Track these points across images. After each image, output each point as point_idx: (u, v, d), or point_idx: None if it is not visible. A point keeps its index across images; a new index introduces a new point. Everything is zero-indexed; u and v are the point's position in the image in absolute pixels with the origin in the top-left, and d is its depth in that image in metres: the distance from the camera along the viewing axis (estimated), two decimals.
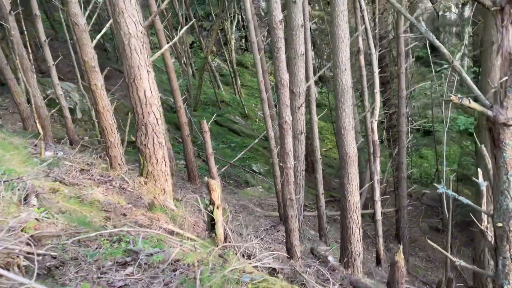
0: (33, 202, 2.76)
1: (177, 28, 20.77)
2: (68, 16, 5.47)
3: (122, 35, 4.34)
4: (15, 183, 2.94)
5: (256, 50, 8.68)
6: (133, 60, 4.42)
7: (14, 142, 7.12)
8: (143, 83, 4.51)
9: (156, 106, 4.65)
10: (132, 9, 4.30)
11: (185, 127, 11.56)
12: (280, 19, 4.58)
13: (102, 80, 5.92)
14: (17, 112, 12.58)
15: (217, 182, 3.61)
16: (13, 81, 9.51)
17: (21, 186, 2.89)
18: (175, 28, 19.85)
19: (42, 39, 7.73)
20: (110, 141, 6.10)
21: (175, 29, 19.54)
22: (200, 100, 19.18)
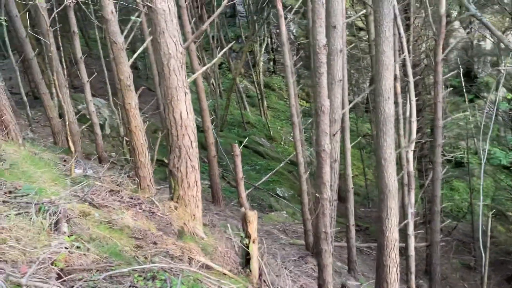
0: (64, 228, 2.58)
1: (207, 50, 20.99)
2: (107, 34, 5.42)
3: (161, 55, 4.22)
4: (46, 207, 2.77)
5: (290, 73, 8.53)
6: (171, 81, 4.28)
7: (45, 158, 7.07)
8: (180, 105, 4.36)
9: (191, 128, 4.48)
10: (173, 29, 4.19)
11: (212, 148, 11.41)
12: (324, 43, 4.39)
13: (136, 99, 5.81)
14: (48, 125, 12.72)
15: (254, 214, 3.37)
16: (47, 95, 9.61)
17: (52, 211, 2.72)
18: (205, 49, 20.04)
19: (78, 55, 7.77)
20: (140, 161, 5.95)
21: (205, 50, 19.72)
22: (226, 120, 19.13)
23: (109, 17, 5.38)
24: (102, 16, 5.46)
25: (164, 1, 4.11)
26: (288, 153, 19.74)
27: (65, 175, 5.58)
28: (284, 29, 8.27)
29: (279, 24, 9.07)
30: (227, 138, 17.50)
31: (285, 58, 8.39)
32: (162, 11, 4.12)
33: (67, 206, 3.07)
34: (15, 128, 6.71)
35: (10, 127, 6.62)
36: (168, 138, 4.59)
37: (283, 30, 8.25)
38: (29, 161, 5.18)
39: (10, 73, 19.33)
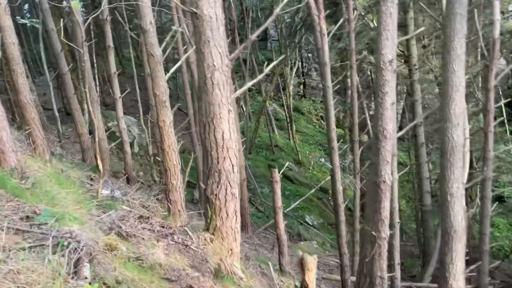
0: (85, 272, 2.01)
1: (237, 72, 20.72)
2: (144, 46, 5.00)
3: (205, 67, 3.71)
4: (66, 242, 2.22)
5: (330, 94, 7.93)
6: (214, 97, 3.75)
7: (71, 175, 6.63)
8: (223, 124, 3.81)
9: (233, 150, 3.92)
10: (219, 38, 3.68)
11: (242, 171, 10.80)
12: (390, 59, 3.79)
13: (171, 116, 5.32)
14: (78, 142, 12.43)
15: (314, 260, 2.74)
16: (78, 111, 9.32)
17: (72, 247, 2.16)
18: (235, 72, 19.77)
19: (112, 70, 7.42)
20: (172, 184, 5.41)
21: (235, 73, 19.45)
22: (254, 143, 18.59)
23: (147, 28, 4.96)
24: (140, 27, 5.05)
25: (211, 7, 3.62)
26: (317, 178, 18.97)
27: (91, 196, 5.08)
28: (327, 48, 7.74)
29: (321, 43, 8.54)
30: (255, 161, 16.91)
31: (326, 79, 7.82)
32: (209, 18, 3.63)
33: (91, 238, 2.51)
34: (42, 143, 6.31)
35: (38, 142, 6.23)
36: (206, 160, 4.03)
37: (326, 49, 7.72)
38: (54, 179, 4.70)
39: (45, 89, 19.48)
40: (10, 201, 3.22)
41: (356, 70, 9.33)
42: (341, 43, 13.51)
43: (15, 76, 6.04)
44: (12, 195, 3.38)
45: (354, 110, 9.19)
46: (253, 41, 21.49)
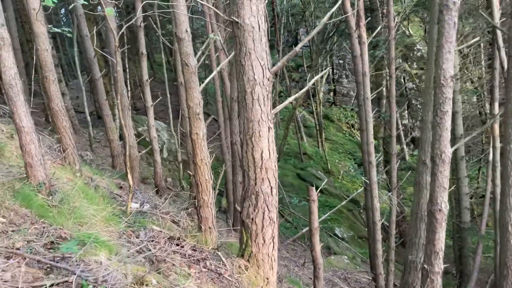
0: None
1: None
2: (178, 55, 4.73)
3: (245, 81, 3.39)
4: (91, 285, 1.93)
5: (369, 106, 7.49)
6: (254, 113, 3.43)
7: (101, 185, 6.45)
8: (262, 142, 3.48)
9: (272, 171, 3.58)
10: (261, 50, 3.36)
11: None
12: (452, 74, 3.36)
13: (205, 129, 5.03)
14: (108, 146, 12.40)
15: None
16: (109, 117, 9.20)
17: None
18: None
19: (145, 78, 7.23)
20: (203, 200, 5.11)
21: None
22: (283, 151, 18.21)
23: (182, 36, 4.69)
24: (175, 35, 4.80)
25: (253, 15, 3.30)
26: (346, 188, 18.39)
27: (120, 211, 4.84)
28: (367, 57, 7.32)
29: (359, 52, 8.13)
30: (284, 169, 16.52)
31: (365, 89, 7.39)
32: (251, 28, 3.31)
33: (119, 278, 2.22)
34: (73, 152, 6.16)
35: (68, 151, 6.08)
36: (243, 180, 3.70)
37: (366, 59, 7.30)
38: (83, 193, 4.48)
39: (78, 92, 19.76)
40: (34, 223, 2.98)
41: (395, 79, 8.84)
42: (377, 51, 13.00)
43: (47, 83, 5.91)
44: (37, 215, 3.15)
45: (392, 122, 8.69)
46: (283, 47, 21.16)
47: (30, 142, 3.76)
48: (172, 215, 5.57)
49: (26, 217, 3.02)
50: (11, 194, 3.28)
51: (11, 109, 3.74)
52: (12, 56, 3.69)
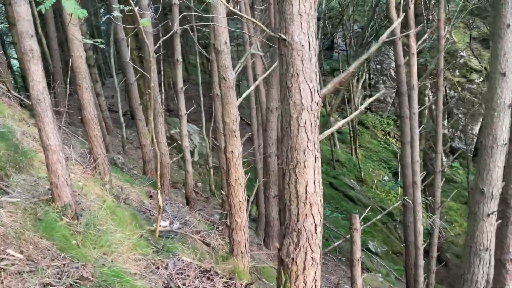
0: None
1: None
2: (216, 68, 4.38)
3: (291, 105, 2.98)
4: None
5: (417, 122, 6.93)
6: (299, 141, 3.02)
7: (130, 196, 6.22)
8: (307, 174, 3.07)
9: (317, 207, 3.16)
10: (311, 71, 2.95)
11: None
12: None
13: (241, 147, 4.67)
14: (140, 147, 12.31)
15: None
16: (142, 122, 9.01)
17: None
18: None
19: (179, 86, 6.95)
20: (236, 222, 4.75)
21: None
22: None
23: (221, 48, 4.34)
24: (213, 47, 4.45)
25: (304, 32, 2.89)
26: (380, 199, 17.66)
27: (149, 231, 4.55)
28: (415, 69, 6.75)
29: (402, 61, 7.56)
30: None
31: (413, 104, 6.85)
32: (300, 47, 2.90)
33: None
34: (103, 162, 5.93)
35: (99, 161, 5.86)
36: (283, 214, 3.29)
37: (414, 71, 6.73)
38: (111, 213, 4.21)
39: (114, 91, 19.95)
40: (55, 259, 2.69)
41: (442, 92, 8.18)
42: (420, 58, 12.27)
43: (80, 91, 5.71)
44: (59, 248, 2.86)
45: (438, 137, 8.06)
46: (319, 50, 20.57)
47: (57, 161, 3.49)
48: (203, 235, 5.24)
49: (46, 251, 2.73)
50: (33, 222, 3.01)
51: (38, 125, 3.48)
52: (41, 69, 3.43)
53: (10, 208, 2.99)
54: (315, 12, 2.98)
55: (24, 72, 3.87)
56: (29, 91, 3.45)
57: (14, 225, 2.78)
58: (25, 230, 2.80)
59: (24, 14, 3.31)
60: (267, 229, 7.80)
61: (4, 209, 2.91)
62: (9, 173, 4.47)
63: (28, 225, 2.90)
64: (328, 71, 22.92)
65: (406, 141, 9.74)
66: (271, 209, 7.66)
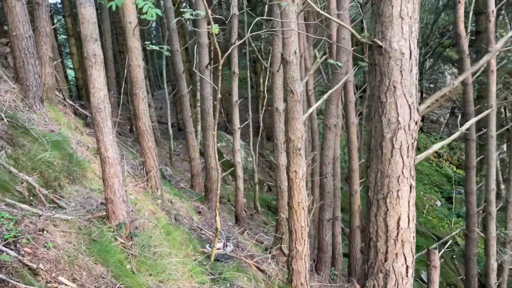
0: None
1: None
2: (284, 80, 3.99)
3: (383, 123, 2.53)
4: None
5: (494, 146, 6.20)
6: (393, 166, 2.55)
7: (181, 213, 5.91)
8: (400, 206, 2.58)
9: (410, 245, 2.65)
10: (411, 84, 2.49)
11: (356, 216, 9.32)
12: None
13: (305, 167, 4.23)
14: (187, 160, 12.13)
15: None
16: (192, 134, 8.79)
17: None
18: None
19: (234, 99, 6.64)
20: (296, 250, 4.29)
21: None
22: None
23: (290, 59, 3.96)
24: (281, 58, 4.08)
25: (404, 38, 2.44)
26: (431, 225, 16.53)
27: (203, 254, 4.17)
28: (494, 89, 6.07)
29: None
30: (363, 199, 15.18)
31: (490, 127, 6.14)
32: (399, 55, 2.45)
33: None
34: (156, 175, 5.68)
35: (152, 174, 5.61)
36: (367, 251, 2.80)
37: (493, 91, 6.05)
38: (164, 232, 3.87)
39: (162, 102, 20.16)
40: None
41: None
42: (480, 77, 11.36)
43: (136, 101, 5.51)
44: (113, 276, 2.52)
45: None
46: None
47: (114, 175, 3.20)
48: (258, 261, 4.79)
49: (100, 280, 2.39)
50: (87, 243, 2.70)
51: (96, 135, 3.21)
52: (103, 76, 3.17)
53: (64, 226, 2.70)
54: (418, 15, 2.53)
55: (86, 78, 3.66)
56: (90, 98, 3.20)
57: (68, 247, 2.47)
58: (79, 253, 2.49)
59: (89, 16, 3.08)
60: (320, 254, 7.25)
61: (58, 227, 2.62)
62: (63, 183, 4.27)
63: (82, 247, 2.59)
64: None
65: (471, 165, 8.93)
66: (325, 233, 7.12)
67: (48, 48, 6.78)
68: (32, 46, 5.82)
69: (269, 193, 14.85)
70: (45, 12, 6.70)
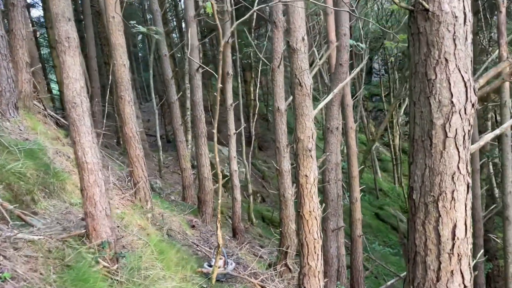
0: None
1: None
2: (292, 69, 3.45)
3: (433, 106, 1.99)
4: None
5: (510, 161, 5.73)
6: (446, 160, 2.01)
7: (173, 227, 5.28)
8: (456, 210, 2.03)
9: (467, 259, 2.09)
10: (465, 55, 1.97)
11: (357, 225, 8.77)
12: None
13: (317, 171, 3.67)
14: (177, 172, 11.51)
15: None
16: (183, 143, 8.18)
17: None
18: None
19: (229, 102, 6.08)
20: (309, 266, 3.70)
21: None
22: None
23: (297, 46, 3.42)
24: (287, 46, 3.54)
25: (459, 0, 1.92)
26: None
27: (201, 275, 3.55)
28: (509, 101, 5.63)
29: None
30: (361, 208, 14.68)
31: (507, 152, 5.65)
32: (452, 19, 1.93)
33: None
34: (145, 186, 5.05)
35: (140, 185, 4.98)
36: (412, 267, 2.23)
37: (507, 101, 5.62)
38: (157, 251, 3.25)
39: (149, 115, 19.50)
40: None
41: None
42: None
43: (122, 104, 4.91)
44: None
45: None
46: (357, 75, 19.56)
47: (94, 184, 2.59)
48: (263, 279, 4.18)
49: None
50: (59, 270, 2.07)
51: (72, 136, 2.61)
52: (79, 63, 2.59)
53: (29, 249, 2.08)
54: None
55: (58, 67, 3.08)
56: (63, 91, 2.60)
57: (31, 278, 1.85)
58: (46, 285, 1.87)
59: None
60: (325, 268, 6.63)
61: (20, 251, 2.00)
62: (37, 197, 3.62)
63: (52, 276, 1.97)
64: (366, 96, 21.86)
65: (475, 169, 8.52)
66: (329, 244, 6.53)
67: (25, 52, 6.14)
68: (4, 47, 5.20)
69: (262, 204, 14.23)
70: (21, 14, 6.08)
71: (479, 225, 8.68)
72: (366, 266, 11.67)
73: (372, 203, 15.89)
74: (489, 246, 11.13)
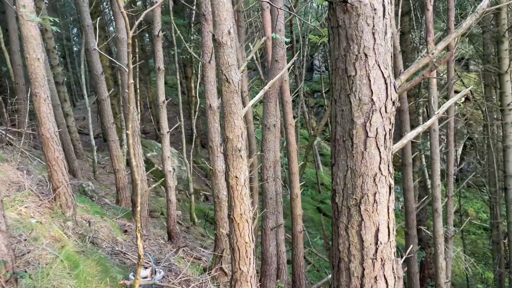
0: None
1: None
2: (218, 65, 3.23)
3: (353, 104, 1.84)
4: None
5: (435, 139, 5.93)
6: (367, 161, 1.86)
7: (100, 234, 4.87)
8: (378, 213, 1.91)
9: (391, 263, 1.99)
10: (385, 51, 1.82)
11: (298, 221, 8.75)
12: None
13: (247, 172, 3.49)
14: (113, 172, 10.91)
15: None
16: (116, 143, 7.68)
17: None
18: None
19: (161, 99, 5.74)
20: (240, 271, 3.52)
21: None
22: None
23: (223, 40, 3.21)
24: (213, 39, 3.32)
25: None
26: None
27: (123, 286, 3.25)
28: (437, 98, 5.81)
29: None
30: (302, 202, 14.85)
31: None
32: (370, 11, 1.81)
33: None
34: (66, 191, 4.60)
35: (60, 190, 4.53)
36: (336, 275, 2.11)
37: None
38: (69, 265, 2.90)
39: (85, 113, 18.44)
40: None
41: None
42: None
43: (37, 102, 4.43)
44: None
45: (449, 159, 7.11)
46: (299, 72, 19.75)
47: None
48: (194, 287, 3.95)
49: None
50: None
51: None
52: None
53: None
54: None
55: None
56: None
57: None
58: None
59: None
60: (264, 267, 6.55)
61: None
62: None
63: None
64: (308, 93, 22.20)
65: (408, 162, 8.84)
66: (268, 243, 6.44)
67: None
68: None
69: (205, 203, 13.95)
70: None
71: (412, 216, 9.03)
72: (308, 260, 11.81)
73: (314, 197, 16.16)
74: (422, 235, 11.69)
